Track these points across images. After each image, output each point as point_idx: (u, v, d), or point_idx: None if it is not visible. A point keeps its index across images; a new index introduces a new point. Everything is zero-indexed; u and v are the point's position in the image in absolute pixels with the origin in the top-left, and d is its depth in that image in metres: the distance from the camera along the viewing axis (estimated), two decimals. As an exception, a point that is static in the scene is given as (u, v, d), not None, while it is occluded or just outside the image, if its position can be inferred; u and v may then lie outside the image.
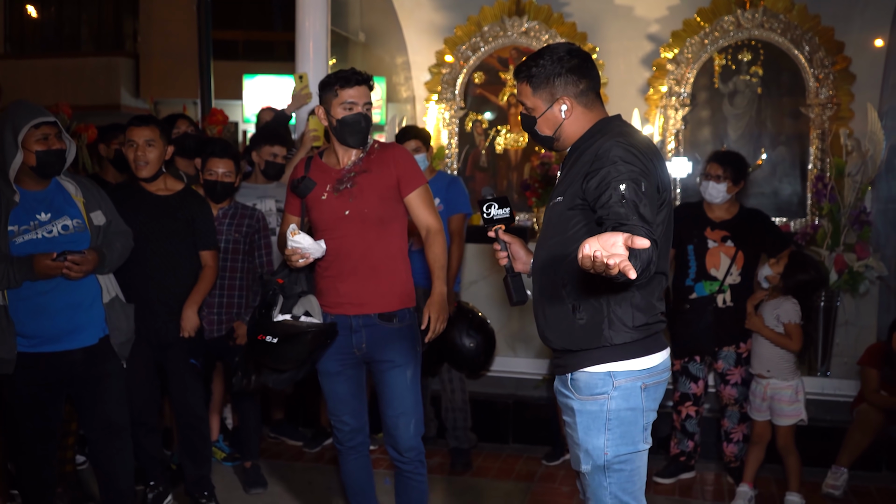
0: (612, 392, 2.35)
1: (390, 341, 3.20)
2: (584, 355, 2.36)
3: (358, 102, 3.15)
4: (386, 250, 3.20)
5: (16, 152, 3.19)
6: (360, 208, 3.16)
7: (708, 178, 4.34)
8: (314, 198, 3.22)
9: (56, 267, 3.20)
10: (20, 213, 3.23)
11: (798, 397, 4.16)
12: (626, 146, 2.25)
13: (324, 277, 3.25)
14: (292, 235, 3.02)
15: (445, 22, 7.18)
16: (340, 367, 3.26)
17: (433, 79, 7.16)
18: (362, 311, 3.19)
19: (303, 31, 5.57)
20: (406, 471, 3.27)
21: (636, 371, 2.36)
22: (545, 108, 2.44)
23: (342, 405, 3.30)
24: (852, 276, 5.36)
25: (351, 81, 3.15)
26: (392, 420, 3.23)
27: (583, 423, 2.39)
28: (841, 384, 5.17)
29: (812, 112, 6.36)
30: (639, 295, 2.33)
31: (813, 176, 6.28)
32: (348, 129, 3.16)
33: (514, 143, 7.04)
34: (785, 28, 6.38)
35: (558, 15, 6.85)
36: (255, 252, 4.31)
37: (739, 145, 6.45)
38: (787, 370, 4.15)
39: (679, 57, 6.60)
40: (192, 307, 3.86)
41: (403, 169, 3.21)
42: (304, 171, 3.28)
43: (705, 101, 6.65)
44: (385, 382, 3.23)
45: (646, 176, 2.21)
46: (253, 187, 4.76)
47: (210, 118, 6.14)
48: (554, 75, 2.41)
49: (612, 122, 2.44)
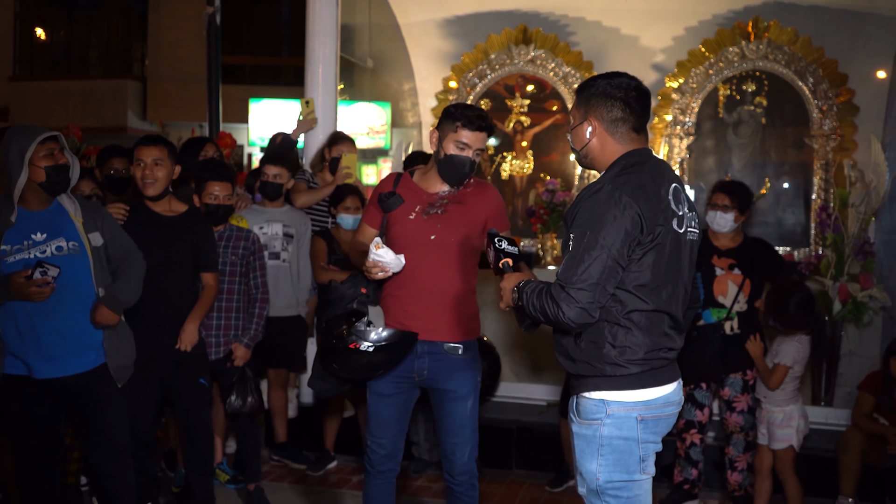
0: (605, 419, 2.42)
1: (454, 372, 3.21)
2: (584, 381, 2.46)
3: (472, 147, 3.16)
4: (461, 281, 3.21)
5: (21, 171, 3.24)
6: (447, 235, 3.18)
7: (715, 209, 4.37)
8: (400, 215, 3.22)
9: (26, 286, 3.19)
10: (14, 232, 3.27)
11: (791, 423, 4.26)
12: (603, 193, 2.35)
13: (393, 296, 3.24)
14: (376, 248, 3.01)
15: (453, 49, 7.26)
16: (394, 391, 3.24)
17: (440, 105, 7.22)
18: (430, 338, 3.18)
19: (313, 56, 5.62)
20: (458, 491, 3.31)
21: (630, 402, 2.41)
22: (576, 123, 2.54)
23: (384, 428, 3.27)
24: (856, 306, 5.38)
25: (474, 125, 3.14)
26: (450, 447, 3.26)
27: (579, 447, 2.48)
28: (844, 414, 5.16)
29: (816, 143, 6.41)
30: (636, 330, 2.39)
31: (817, 206, 6.32)
32: (452, 167, 3.18)
33: (520, 169, 7.09)
34: (789, 59, 6.45)
35: (565, 44, 6.93)
36: (251, 273, 4.34)
37: (743, 175, 6.50)
38: (781, 397, 4.27)
39: (684, 87, 6.67)
40: (194, 322, 3.89)
41: (495, 210, 3.25)
42: (391, 186, 3.28)
43: (710, 131, 6.71)
44: (446, 412, 3.24)
45: (606, 225, 2.31)
46: (262, 210, 4.80)
47: (218, 141, 6.19)
48: (595, 96, 2.48)
49: (627, 157, 2.47)
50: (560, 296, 2.32)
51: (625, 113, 2.46)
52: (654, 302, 2.39)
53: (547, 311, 2.35)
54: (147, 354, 3.68)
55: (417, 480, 4.78)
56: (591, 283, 2.30)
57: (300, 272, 4.87)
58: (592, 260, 2.30)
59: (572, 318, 2.31)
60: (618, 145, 2.48)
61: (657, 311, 2.41)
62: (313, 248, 4.79)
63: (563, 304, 2.30)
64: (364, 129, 8.82)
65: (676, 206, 2.44)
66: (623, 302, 2.37)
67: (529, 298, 2.41)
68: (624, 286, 2.36)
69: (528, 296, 2.42)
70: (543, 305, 2.35)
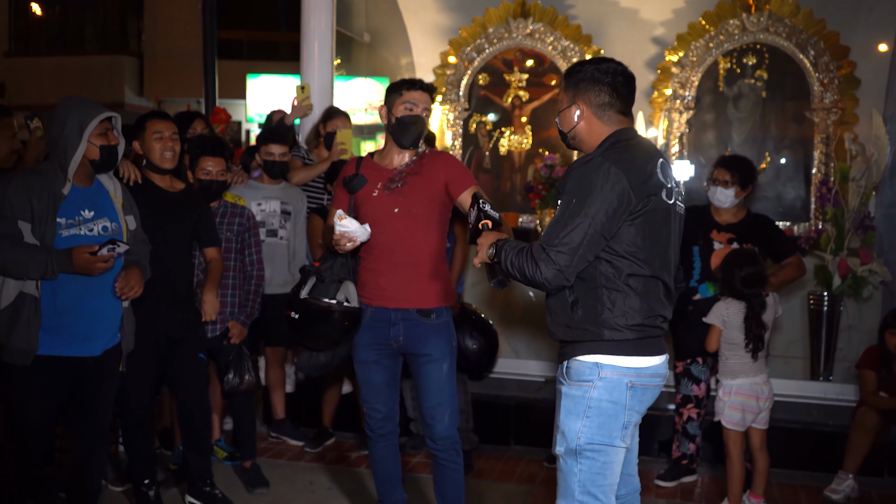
0: (596, 381, 2.51)
1: (428, 336, 3.35)
2: (578, 346, 2.54)
3: (419, 105, 3.34)
4: (429, 249, 3.36)
5: (78, 145, 3.22)
6: (409, 206, 3.32)
7: (716, 184, 4.34)
8: (365, 194, 3.39)
9: (93, 261, 3.19)
10: (67, 206, 3.25)
11: (720, 395, 4.11)
12: (593, 164, 2.44)
13: (367, 270, 3.40)
14: (340, 220, 3.16)
15: (450, 23, 7.18)
16: (377, 357, 3.41)
17: (437, 80, 7.17)
18: (402, 306, 3.34)
19: (308, 31, 5.57)
20: (441, 458, 3.42)
21: (623, 367, 2.51)
22: (565, 107, 2.64)
23: (375, 393, 3.45)
24: (856, 280, 5.35)
25: (416, 86, 3.37)
26: (429, 411, 3.38)
27: (565, 406, 2.55)
28: (844, 389, 5.15)
29: (816, 116, 6.36)
30: (634, 296, 2.49)
31: (817, 180, 6.28)
32: (404, 128, 3.34)
33: (518, 145, 7.04)
34: (790, 32, 6.38)
35: (563, 17, 6.85)
36: (246, 250, 4.34)
37: (743, 149, 6.46)
38: (723, 368, 4.11)
39: (684, 60, 6.61)
40: (212, 292, 3.99)
41: (453, 172, 3.36)
42: (355, 168, 3.46)
43: (710, 105, 6.66)
44: (422, 375, 3.38)
45: (592, 195, 2.40)
46: (259, 187, 4.77)
47: (213, 117, 6.16)
48: (583, 80, 2.59)
49: (616, 135, 2.57)
50: (540, 256, 2.42)
51: (612, 98, 2.56)
52: (649, 268, 2.49)
53: (525, 270, 2.44)
54: (146, 330, 3.68)
55: (415, 457, 4.78)
56: (571, 248, 2.40)
57: (296, 249, 4.86)
58: (575, 226, 2.39)
59: (548, 278, 2.42)
60: (605, 127, 2.58)
61: (653, 276, 2.50)
62: (310, 225, 4.77)
63: (541, 263, 2.41)
64: (362, 104, 8.76)
65: (664, 179, 2.53)
66: (619, 268, 2.46)
67: (508, 255, 2.50)
68: (619, 253, 2.46)
69: (506, 252, 2.50)
70: (522, 264, 2.44)
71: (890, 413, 4.40)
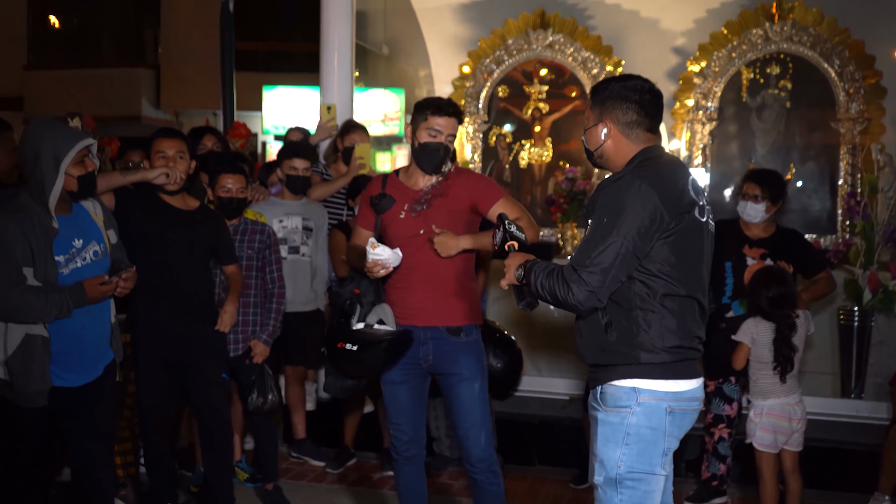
0: (634, 407, 2.43)
1: (458, 355, 3.32)
2: (614, 370, 2.46)
3: (443, 132, 3.30)
4: (455, 269, 3.33)
5: (56, 179, 3.08)
6: (433, 229, 3.29)
7: (745, 198, 4.26)
8: (392, 215, 3.36)
9: (107, 291, 3.18)
10: (59, 241, 3.13)
11: (751, 416, 4.03)
12: (624, 181, 2.39)
13: (395, 289, 3.37)
14: (373, 248, 3.14)
15: (469, 35, 7.13)
16: (405, 377, 3.37)
17: (456, 92, 7.10)
18: (431, 324, 3.31)
19: (328, 43, 5.53)
20: (479, 480, 3.37)
21: (661, 392, 2.44)
22: (591, 125, 2.59)
23: (402, 413, 3.40)
24: (887, 295, 5.24)
25: (443, 111, 3.30)
26: (463, 432, 3.34)
27: (603, 434, 2.47)
28: (876, 406, 5.04)
29: (842, 127, 6.25)
30: (670, 317, 2.42)
31: (843, 192, 6.17)
32: (426, 155, 3.31)
33: (539, 157, 6.96)
34: (814, 41, 6.28)
35: (583, 28, 6.78)
36: (267, 268, 4.30)
37: (767, 160, 6.36)
38: (755, 389, 4.03)
39: (706, 70, 6.52)
40: (233, 304, 3.94)
41: (478, 190, 3.35)
42: (381, 188, 3.41)
43: (733, 116, 6.56)
44: (454, 395, 3.34)
45: (624, 213, 2.34)
46: (280, 203, 4.73)
47: (233, 132, 6.11)
48: (610, 98, 2.54)
49: (644, 153, 2.52)
50: (571, 277, 2.36)
51: (640, 116, 2.52)
52: (684, 287, 2.43)
53: (556, 292, 2.38)
54: (166, 346, 3.69)
55: (440, 477, 4.71)
56: (604, 268, 2.34)
57: (318, 266, 4.81)
58: (607, 245, 2.33)
59: (581, 300, 2.36)
60: (632, 145, 2.53)
61: (688, 296, 2.45)
62: (333, 241, 4.71)
63: (573, 285, 2.35)
64: (379, 115, 8.72)
65: (696, 196, 2.48)
66: (654, 288, 2.41)
67: (538, 277, 2.44)
68: (653, 272, 2.40)
69: (536, 274, 2.45)
70: (553, 286, 2.39)
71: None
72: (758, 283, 3.96)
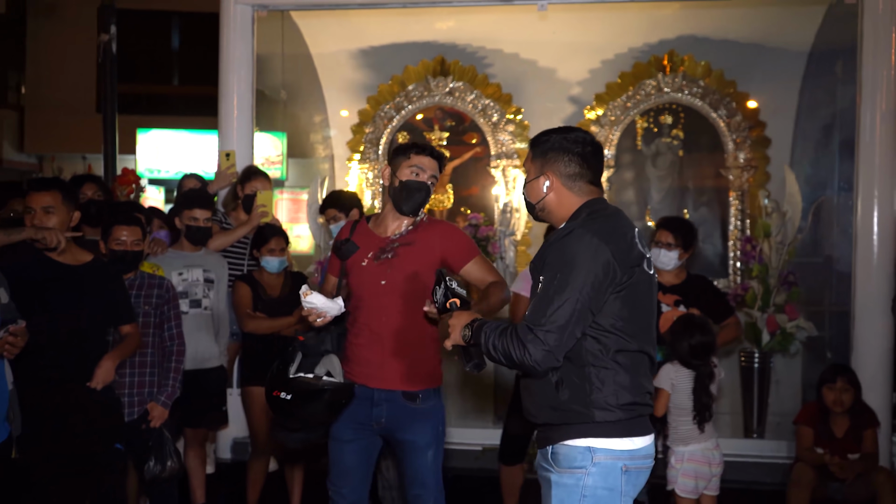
0: (590, 468, 2.36)
1: (413, 421, 3.17)
2: (567, 429, 2.38)
3: (426, 171, 3.19)
4: (417, 327, 3.14)
5: None
6: (396, 280, 3.13)
7: (659, 246, 4.30)
8: (355, 262, 3.22)
9: None
10: None
11: (672, 463, 4.02)
12: (574, 236, 2.34)
13: (352, 344, 3.22)
14: (304, 296, 2.99)
15: (368, 80, 7.06)
16: (353, 436, 3.20)
17: (355, 138, 6.99)
18: (385, 386, 3.15)
19: (227, 88, 5.35)
20: None
21: (617, 451, 2.37)
22: (532, 177, 2.53)
23: (344, 477, 3.24)
24: (784, 336, 5.42)
25: (426, 151, 3.22)
26: (413, 498, 3.23)
27: (557, 497, 2.39)
28: (778, 445, 5.18)
29: (731, 174, 6.50)
30: (623, 373, 2.36)
31: (734, 236, 6.39)
32: (408, 193, 3.17)
33: (440, 203, 6.91)
34: (704, 92, 6.54)
35: (483, 76, 6.82)
36: (165, 325, 4.02)
37: (662, 206, 6.54)
38: (674, 436, 4.02)
39: (602, 119, 6.67)
40: (113, 360, 3.52)
41: (451, 245, 3.20)
42: (348, 233, 3.28)
43: (629, 163, 6.72)
44: (407, 463, 3.21)
45: (576, 268, 2.29)
46: (180, 255, 4.47)
47: (120, 178, 5.78)
48: (551, 150, 2.49)
49: (590, 205, 2.47)
50: (527, 337, 2.27)
51: (582, 168, 2.48)
52: (636, 342, 2.39)
53: (511, 353, 2.29)
54: (60, 418, 3.35)
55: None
56: (560, 325, 2.27)
57: (220, 319, 4.55)
58: (563, 302, 2.27)
59: (538, 360, 2.27)
60: (575, 198, 2.49)
61: (640, 351, 2.41)
62: (237, 293, 4.46)
63: (529, 345, 2.26)
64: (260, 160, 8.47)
65: (643, 248, 2.45)
66: (607, 345, 2.35)
67: (489, 337, 2.35)
68: (605, 328, 2.35)
69: (487, 335, 2.35)
70: (507, 346, 2.30)
71: (826, 469, 4.42)
72: (680, 331, 3.98)
